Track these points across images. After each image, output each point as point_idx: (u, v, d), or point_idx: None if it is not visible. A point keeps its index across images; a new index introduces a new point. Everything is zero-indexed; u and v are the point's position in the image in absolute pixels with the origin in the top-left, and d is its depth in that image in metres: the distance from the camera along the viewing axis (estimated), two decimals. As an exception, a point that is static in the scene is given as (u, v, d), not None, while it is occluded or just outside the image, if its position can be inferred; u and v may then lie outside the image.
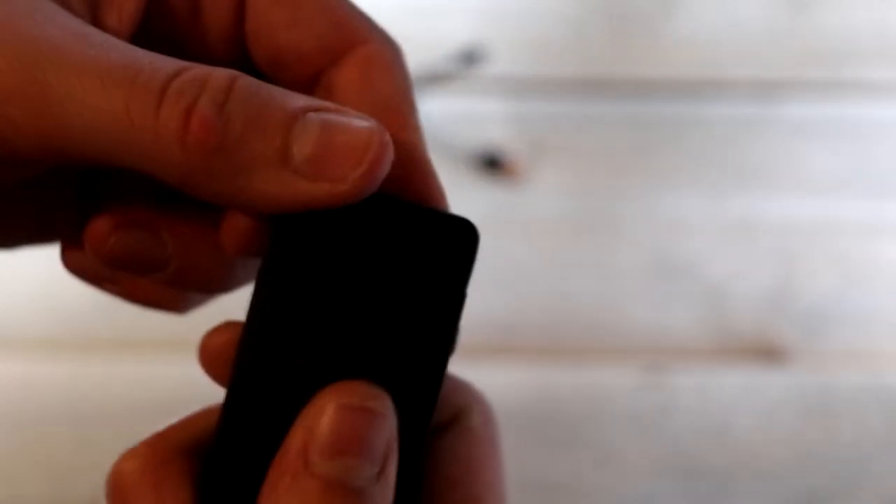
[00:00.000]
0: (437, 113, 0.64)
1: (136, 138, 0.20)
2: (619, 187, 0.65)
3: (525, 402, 0.57)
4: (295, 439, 0.20)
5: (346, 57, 0.24)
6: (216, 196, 0.21)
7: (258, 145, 0.20)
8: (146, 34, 0.24)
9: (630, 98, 0.67)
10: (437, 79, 0.66)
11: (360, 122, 0.20)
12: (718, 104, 0.67)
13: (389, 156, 0.20)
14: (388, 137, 0.20)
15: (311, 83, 0.24)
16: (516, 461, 0.57)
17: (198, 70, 0.20)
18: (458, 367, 0.24)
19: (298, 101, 0.20)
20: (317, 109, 0.20)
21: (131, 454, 0.22)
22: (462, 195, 0.63)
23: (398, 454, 0.21)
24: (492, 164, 0.64)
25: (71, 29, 0.21)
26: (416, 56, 0.67)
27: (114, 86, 0.19)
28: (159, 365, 0.58)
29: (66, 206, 0.25)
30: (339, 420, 0.20)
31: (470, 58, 0.67)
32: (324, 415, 0.20)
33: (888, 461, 0.58)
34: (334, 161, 0.20)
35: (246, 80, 0.20)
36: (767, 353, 0.60)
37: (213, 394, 0.25)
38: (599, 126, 0.66)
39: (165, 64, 0.20)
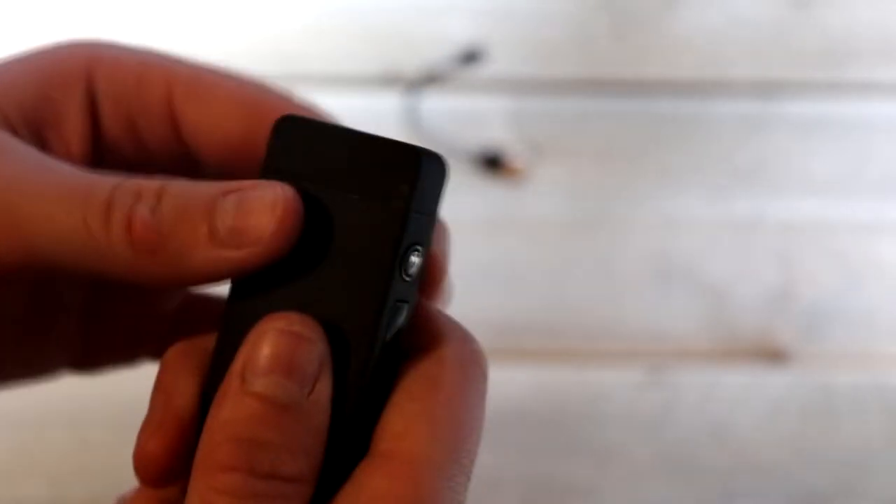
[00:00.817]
0: (437, 113, 0.64)
1: (95, 246, 0.24)
2: (619, 187, 0.65)
3: (526, 403, 0.57)
4: (236, 362, 0.23)
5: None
6: (167, 283, 0.25)
7: (189, 231, 0.24)
8: (100, 157, 0.29)
9: (630, 98, 0.67)
10: (437, 79, 0.66)
11: (267, 188, 0.24)
12: (719, 104, 0.67)
13: (297, 208, 0.24)
14: (290, 193, 0.24)
15: (244, 160, 0.29)
16: (518, 461, 0.57)
17: (132, 182, 0.24)
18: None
19: (216, 187, 0.24)
20: (233, 190, 0.24)
21: (181, 341, 0.26)
22: (462, 195, 0.63)
23: (348, 378, 0.23)
24: (492, 164, 0.64)
25: (31, 161, 0.25)
26: (417, 56, 0.67)
27: (73, 206, 0.24)
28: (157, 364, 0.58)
29: (53, 342, 0.31)
30: (270, 342, 0.23)
31: (470, 58, 0.67)
32: (258, 339, 0.23)
33: (889, 461, 0.57)
34: (251, 226, 0.23)
35: (174, 184, 0.24)
36: (768, 353, 0.60)
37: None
38: (600, 126, 0.66)
39: (108, 180, 0.24)
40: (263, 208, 0.23)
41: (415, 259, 0.24)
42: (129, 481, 0.26)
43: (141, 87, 0.29)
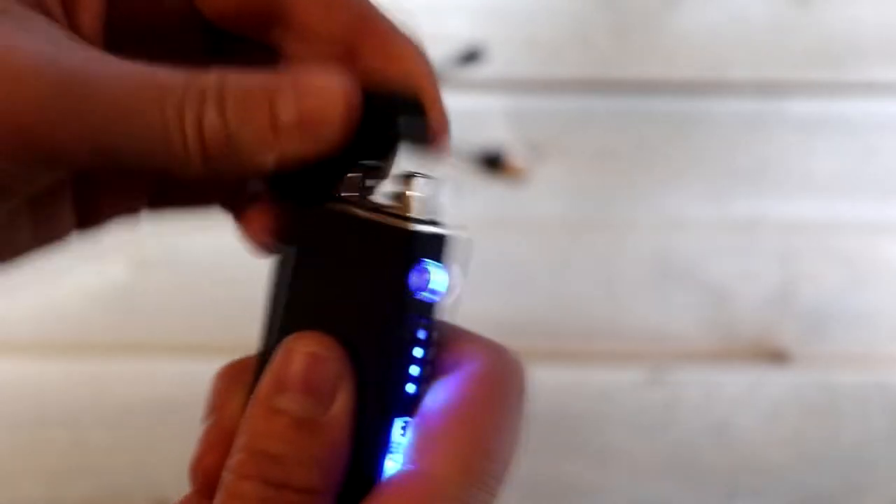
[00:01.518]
0: (436, 113, 0.64)
1: (166, 147, 0.24)
2: (620, 187, 0.64)
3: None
4: (262, 381, 0.24)
5: None
6: (230, 178, 0.26)
7: (255, 130, 0.24)
8: (112, 19, 0.28)
9: (631, 97, 0.67)
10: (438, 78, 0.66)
11: (329, 81, 0.24)
12: (721, 103, 0.67)
13: (358, 102, 0.24)
14: (352, 87, 0.24)
15: (266, 26, 0.27)
16: (519, 461, 0.57)
17: (196, 79, 0.24)
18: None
19: (273, 78, 0.24)
20: (294, 79, 0.24)
21: (229, 363, 0.27)
22: (462, 195, 0.63)
23: (373, 395, 0.24)
24: (492, 164, 0.64)
25: (92, 52, 0.25)
26: (416, 56, 0.67)
27: (150, 103, 0.24)
28: (156, 366, 0.58)
29: (61, 205, 0.29)
30: (289, 362, 0.24)
31: (470, 57, 0.67)
32: (279, 359, 0.24)
33: (891, 461, 0.57)
34: (315, 123, 0.24)
35: (231, 79, 0.24)
36: (770, 353, 0.60)
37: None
38: (600, 126, 0.66)
39: (176, 76, 0.24)
40: (329, 104, 0.24)
41: (432, 281, 0.25)
42: (127, 481, 0.26)
43: None
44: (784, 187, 0.65)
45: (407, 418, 0.24)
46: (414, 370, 0.25)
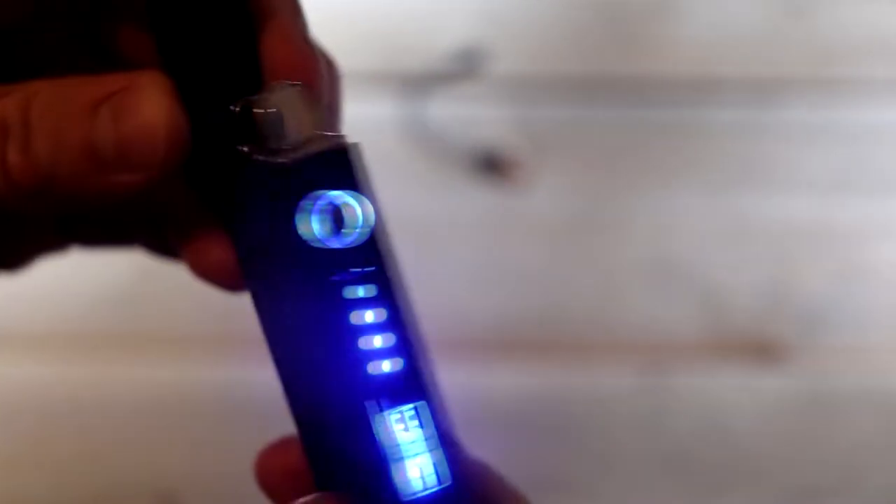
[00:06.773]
0: (436, 114, 0.64)
1: None
2: (619, 188, 0.65)
3: (523, 403, 0.57)
4: None
5: None
6: (65, 213, 0.23)
7: (71, 164, 0.21)
8: None
9: (630, 99, 0.67)
10: (437, 79, 0.66)
11: (150, 100, 0.21)
12: (718, 105, 0.67)
13: (182, 128, 0.21)
14: (175, 109, 0.21)
15: None
16: (516, 462, 0.57)
17: None
18: (458, 368, 0.25)
19: (87, 94, 0.21)
20: (107, 98, 0.21)
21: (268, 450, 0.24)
22: (461, 196, 0.63)
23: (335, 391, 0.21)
24: (492, 165, 0.64)
25: None
26: (417, 56, 0.67)
27: None
28: (160, 363, 0.58)
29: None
30: None
31: (470, 58, 0.67)
32: None
33: (886, 461, 0.58)
34: (135, 149, 0.21)
35: (40, 100, 0.21)
36: (765, 352, 0.60)
37: (213, 394, 0.25)
38: (600, 127, 0.66)
39: None
40: (149, 128, 0.20)
41: (342, 216, 0.20)
42: (131, 471, 0.26)
43: None
44: (781, 188, 0.65)
45: (406, 405, 0.19)
46: (365, 342, 0.18)
